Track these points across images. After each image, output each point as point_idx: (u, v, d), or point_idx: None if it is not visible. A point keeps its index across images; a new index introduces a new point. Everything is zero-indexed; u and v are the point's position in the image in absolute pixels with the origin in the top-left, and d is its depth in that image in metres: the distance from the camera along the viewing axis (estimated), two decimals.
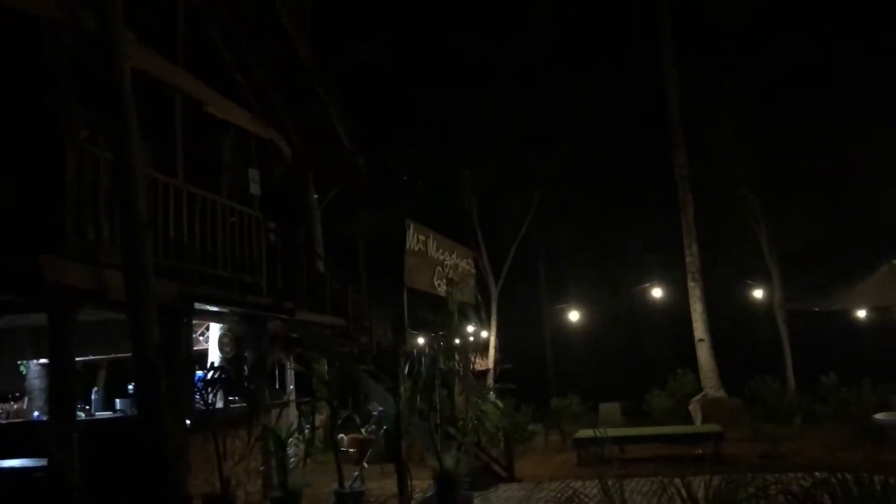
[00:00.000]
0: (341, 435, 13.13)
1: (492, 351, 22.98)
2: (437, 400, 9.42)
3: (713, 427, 12.79)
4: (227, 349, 10.65)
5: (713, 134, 21.28)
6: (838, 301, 10.79)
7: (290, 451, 9.36)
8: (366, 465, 10.76)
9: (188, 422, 8.17)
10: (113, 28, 6.38)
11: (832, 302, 10.83)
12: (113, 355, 10.08)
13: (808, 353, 23.12)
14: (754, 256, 23.11)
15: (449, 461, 9.11)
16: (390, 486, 10.07)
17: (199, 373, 9.22)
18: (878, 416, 10.43)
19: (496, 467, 11.42)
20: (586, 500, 6.26)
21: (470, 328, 16.09)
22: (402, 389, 9.31)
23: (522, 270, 26.83)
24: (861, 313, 23.25)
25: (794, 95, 20.38)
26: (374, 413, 12.72)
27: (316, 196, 15.90)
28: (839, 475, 5.75)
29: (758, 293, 22.27)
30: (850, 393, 14.52)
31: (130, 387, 9.84)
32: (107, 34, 6.37)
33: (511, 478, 11.24)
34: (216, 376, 8.68)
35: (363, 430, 12.72)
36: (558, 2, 20.18)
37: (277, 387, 12.75)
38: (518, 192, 23.32)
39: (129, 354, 6.05)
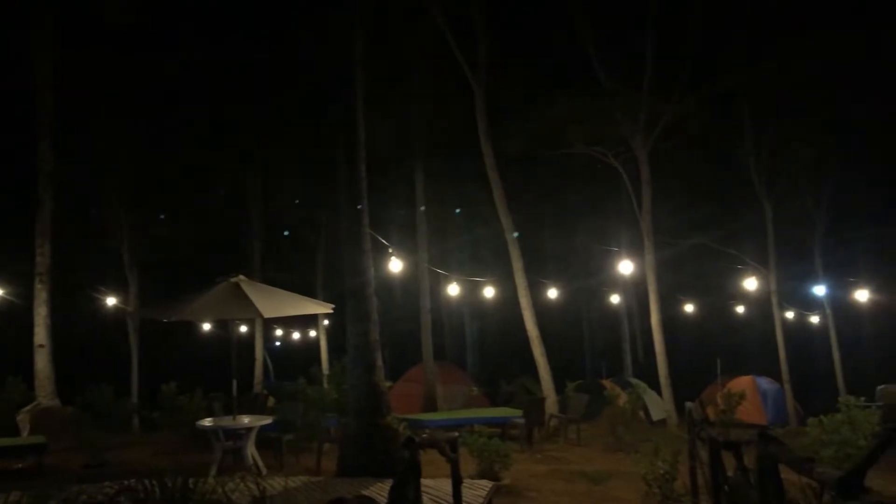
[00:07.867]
0: None
1: None
2: None
3: (37, 438, 12.08)
4: None
5: (87, 133, 20.36)
6: (184, 312, 11.32)
7: None
8: None
9: None
10: None
11: (178, 313, 11.31)
12: None
13: (158, 361, 23.88)
14: (115, 263, 22.90)
15: None
16: None
17: None
18: (203, 421, 11.25)
19: None
20: None
21: None
22: None
23: None
24: (206, 325, 25.19)
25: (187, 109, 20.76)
26: None
27: None
28: (147, 481, 6.01)
29: (110, 301, 22.08)
30: (184, 400, 15.42)
31: None
32: None
33: None
34: None
35: None
36: None
37: None
38: None
39: None
